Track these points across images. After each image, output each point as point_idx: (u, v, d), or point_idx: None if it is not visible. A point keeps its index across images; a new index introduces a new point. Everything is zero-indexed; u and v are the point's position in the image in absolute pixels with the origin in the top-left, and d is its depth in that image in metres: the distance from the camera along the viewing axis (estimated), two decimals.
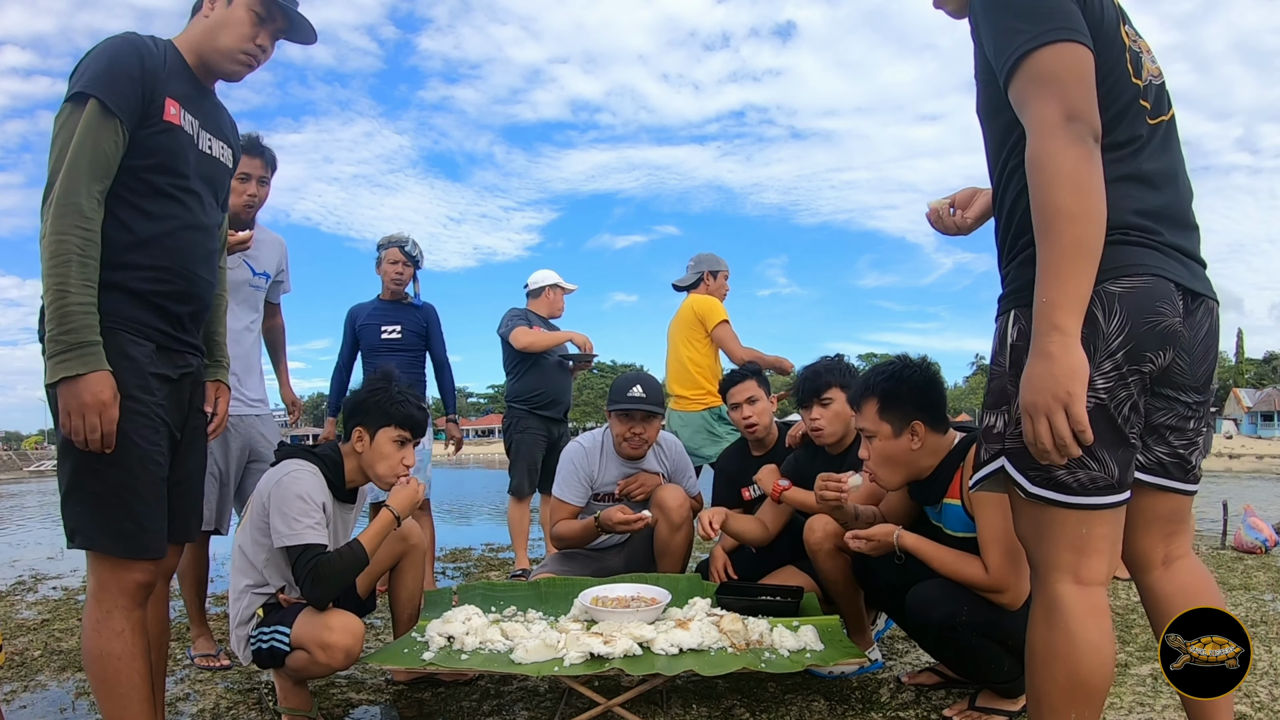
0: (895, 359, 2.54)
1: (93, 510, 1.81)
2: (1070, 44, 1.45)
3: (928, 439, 2.40)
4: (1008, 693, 2.41)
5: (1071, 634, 1.52)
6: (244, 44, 2.04)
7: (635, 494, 3.49)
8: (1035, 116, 1.46)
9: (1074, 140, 1.41)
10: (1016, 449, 1.54)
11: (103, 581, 1.84)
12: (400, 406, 2.55)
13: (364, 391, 2.61)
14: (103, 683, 1.84)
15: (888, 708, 2.54)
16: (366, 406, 2.56)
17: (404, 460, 2.57)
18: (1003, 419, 1.58)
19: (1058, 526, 1.53)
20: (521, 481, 4.96)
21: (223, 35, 2.02)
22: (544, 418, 5.02)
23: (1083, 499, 1.50)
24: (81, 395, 1.73)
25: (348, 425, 2.60)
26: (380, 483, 2.57)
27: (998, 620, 2.25)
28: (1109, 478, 1.50)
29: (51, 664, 3.21)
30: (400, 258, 4.56)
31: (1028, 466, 1.53)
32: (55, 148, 1.80)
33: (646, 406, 3.41)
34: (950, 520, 2.43)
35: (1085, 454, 1.46)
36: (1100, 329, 1.47)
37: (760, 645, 2.39)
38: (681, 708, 2.56)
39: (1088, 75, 1.46)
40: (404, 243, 4.61)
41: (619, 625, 2.43)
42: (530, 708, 2.62)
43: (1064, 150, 1.41)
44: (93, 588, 1.86)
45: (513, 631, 2.50)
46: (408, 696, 2.77)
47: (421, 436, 2.67)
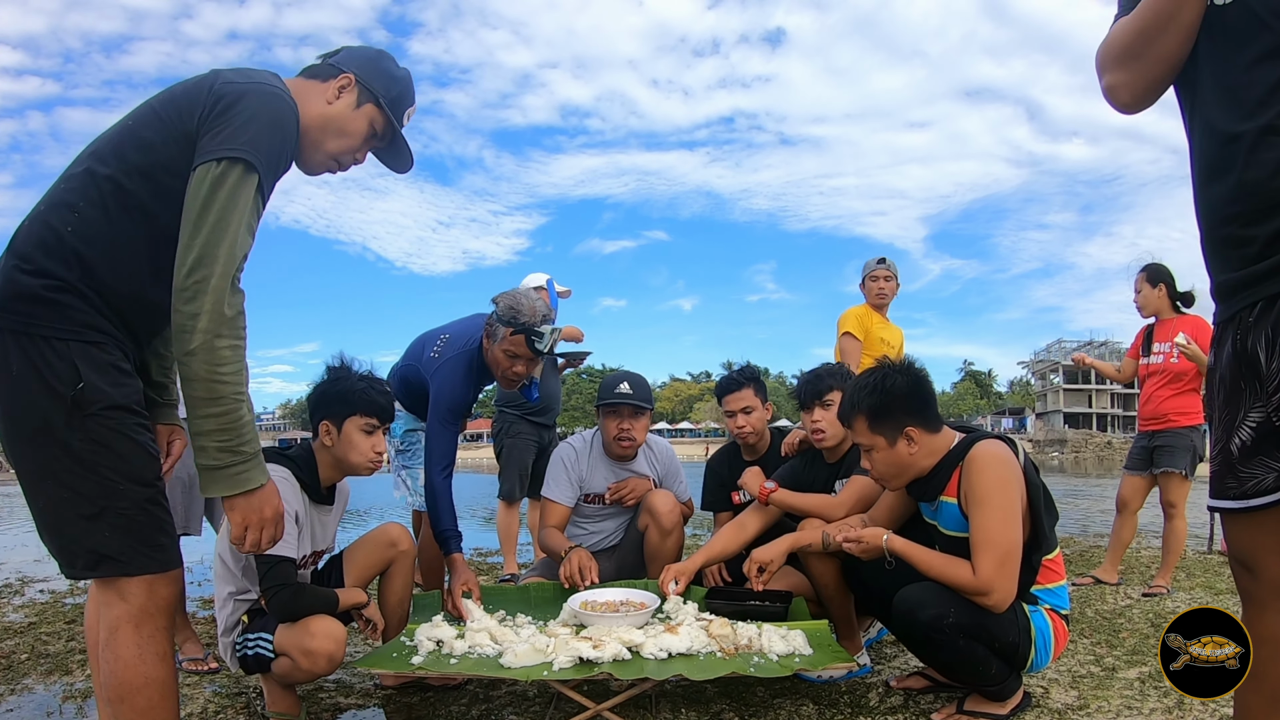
0: (876, 367, 2.53)
1: (126, 530, 1.62)
2: None
3: (923, 441, 2.41)
4: (995, 696, 2.42)
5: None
6: (347, 157, 1.94)
7: (626, 499, 3.49)
8: None
9: None
10: None
11: (143, 606, 1.65)
12: (363, 394, 2.52)
13: (325, 384, 2.56)
14: (145, 713, 1.65)
15: (876, 712, 2.55)
16: (329, 398, 2.53)
17: (374, 447, 2.55)
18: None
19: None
20: (512, 487, 4.96)
21: (334, 139, 1.89)
22: (535, 423, 5.02)
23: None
24: (264, 509, 1.65)
25: (313, 420, 2.56)
26: (356, 471, 2.56)
27: (985, 623, 2.26)
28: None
29: (39, 667, 3.18)
30: (527, 355, 3.09)
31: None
32: (211, 210, 1.56)
33: (633, 401, 3.41)
34: (946, 519, 2.44)
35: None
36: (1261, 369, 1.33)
37: (749, 650, 2.39)
38: (670, 712, 2.56)
39: None
40: (541, 333, 3.04)
41: (608, 629, 2.43)
42: (519, 712, 2.62)
43: None
44: (129, 614, 1.64)
45: (502, 636, 2.49)
46: (396, 701, 2.76)
47: (389, 422, 2.63)
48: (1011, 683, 2.42)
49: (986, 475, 2.27)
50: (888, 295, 5.17)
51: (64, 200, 1.64)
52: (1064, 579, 2.50)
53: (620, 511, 3.59)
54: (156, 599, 1.67)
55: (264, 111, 1.65)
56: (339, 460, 2.55)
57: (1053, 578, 2.45)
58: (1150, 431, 4.58)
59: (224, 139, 1.59)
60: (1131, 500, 4.70)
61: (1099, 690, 2.70)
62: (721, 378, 3.66)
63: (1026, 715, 2.48)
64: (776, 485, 3.07)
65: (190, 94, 1.68)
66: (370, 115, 1.92)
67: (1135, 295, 4.64)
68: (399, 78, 1.99)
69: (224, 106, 1.63)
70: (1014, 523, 2.24)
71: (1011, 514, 2.25)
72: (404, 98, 1.99)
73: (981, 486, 2.27)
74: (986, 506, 2.25)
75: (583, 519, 3.60)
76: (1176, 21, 1.40)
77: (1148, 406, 4.65)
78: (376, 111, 1.92)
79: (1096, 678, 2.84)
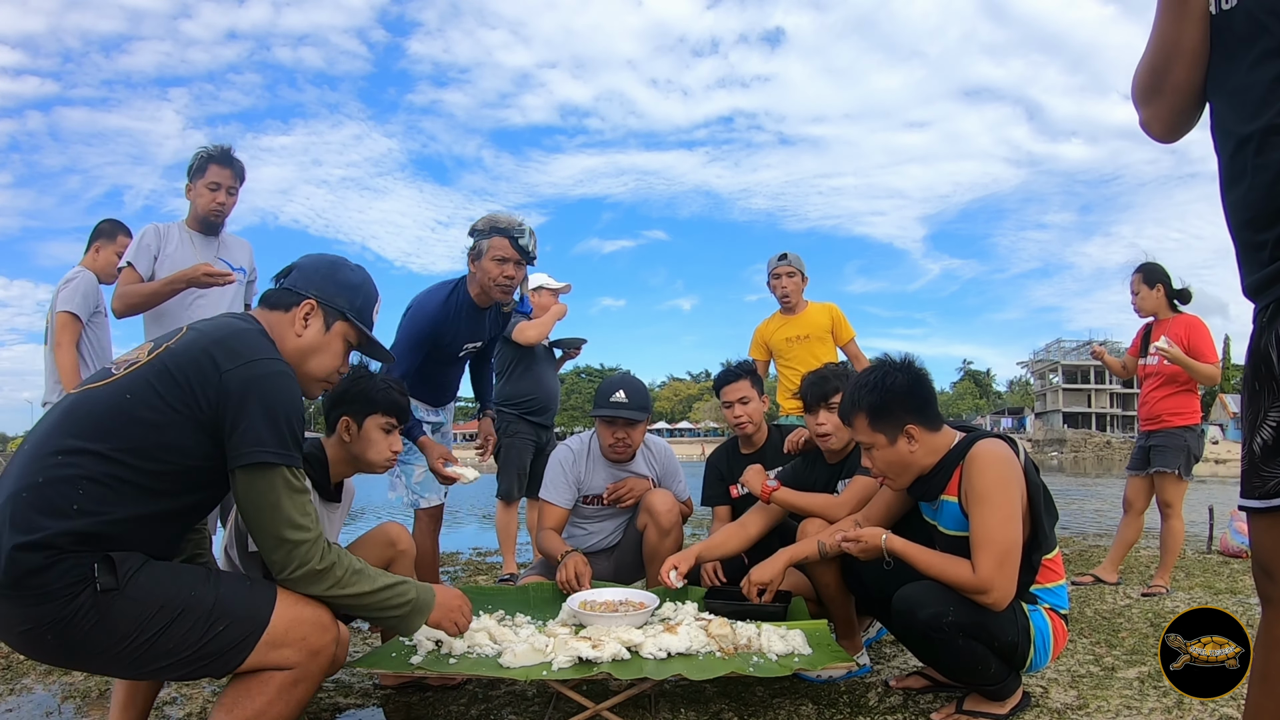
0: (876, 365, 2.52)
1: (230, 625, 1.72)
2: None
3: (924, 439, 2.40)
4: (995, 695, 2.42)
5: None
6: (334, 373, 2.04)
7: (624, 499, 3.49)
8: None
9: None
10: None
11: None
12: (385, 394, 2.58)
13: (346, 382, 2.57)
14: None
15: (875, 711, 2.55)
16: (351, 396, 2.57)
17: (391, 446, 2.60)
18: None
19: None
20: (510, 486, 4.95)
21: (317, 366, 1.98)
22: (533, 423, 5.02)
23: None
24: (449, 611, 2.06)
25: (330, 416, 2.60)
26: (372, 469, 2.61)
27: (984, 622, 2.26)
28: None
29: (38, 667, 3.17)
30: (514, 255, 3.35)
31: None
32: (265, 511, 1.71)
33: (627, 413, 3.39)
34: (946, 518, 2.43)
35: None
36: None
37: (748, 649, 2.39)
38: (670, 712, 2.56)
39: None
40: (518, 234, 3.34)
41: (607, 629, 2.43)
42: (518, 712, 2.62)
43: None
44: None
45: (501, 636, 2.49)
46: (395, 701, 2.75)
47: (406, 423, 2.69)
48: (1011, 682, 2.42)
49: (987, 474, 2.27)
50: (790, 293, 4.99)
51: (63, 477, 1.61)
52: (1063, 578, 2.50)
53: (619, 511, 3.59)
54: None
55: (278, 402, 1.74)
56: (355, 457, 2.59)
57: (1052, 577, 2.45)
58: (1147, 432, 4.59)
59: (253, 441, 1.69)
60: (1135, 501, 4.71)
61: (1098, 690, 2.70)
62: (719, 371, 3.70)
63: (1026, 715, 2.48)
64: (779, 484, 3.07)
65: (193, 378, 1.71)
66: (342, 332, 2.00)
67: (1133, 296, 4.64)
68: (358, 284, 2.04)
69: (238, 403, 1.70)
70: (1014, 522, 2.24)
71: (1012, 513, 2.24)
72: (368, 303, 2.06)
73: (982, 485, 2.27)
74: (987, 505, 2.25)
75: (581, 519, 3.60)
76: (1180, 49, 1.41)
77: (1145, 407, 4.65)
78: (347, 327, 2.00)
79: (1096, 677, 2.84)
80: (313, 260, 2.02)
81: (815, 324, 4.97)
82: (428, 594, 1.97)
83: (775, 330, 5.05)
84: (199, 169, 3.57)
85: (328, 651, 1.82)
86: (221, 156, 3.58)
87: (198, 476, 1.74)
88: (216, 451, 1.72)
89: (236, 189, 3.66)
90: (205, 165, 3.57)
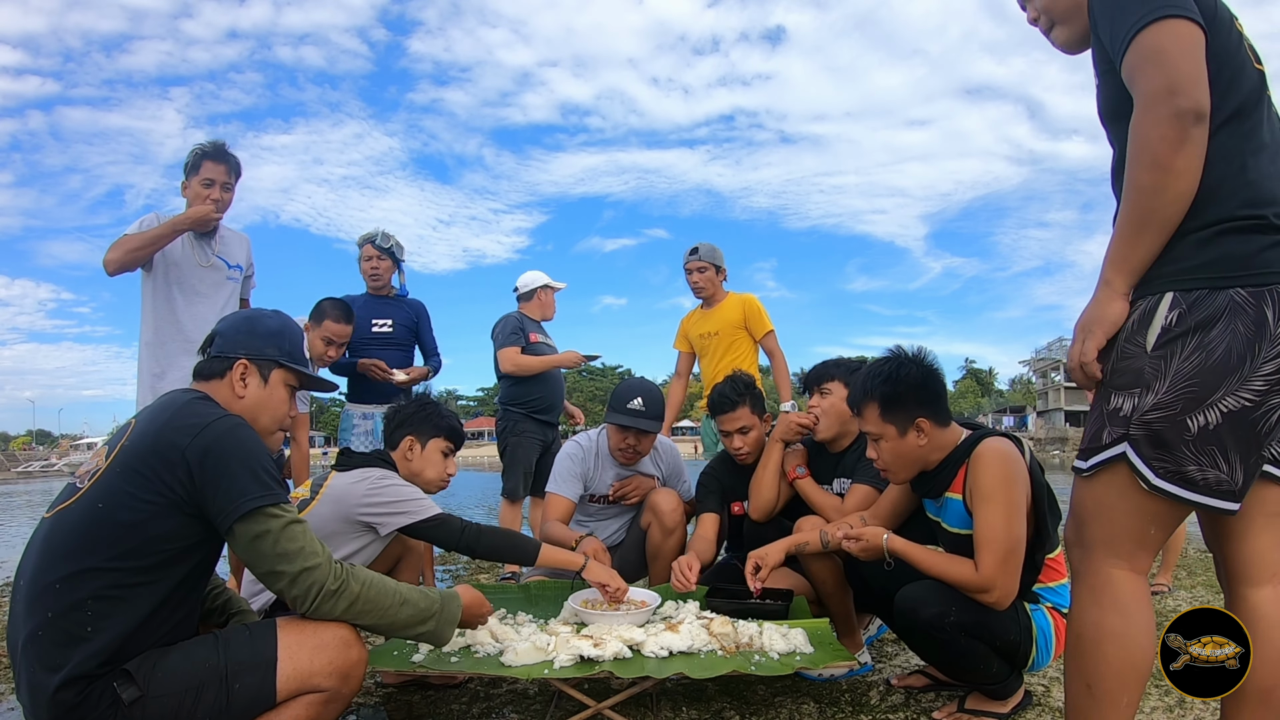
0: (890, 354, 2.48)
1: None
2: (1180, 20, 1.48)
3: (933, 434, 2.39)
4: (997, 694, 2.42)
5: (1128, 614, 1.55)
6: (287, 420, 2.10)
7: (629, 497, 3.48)
8: (1140, 90, 1.51)
9: (1167, 117, 1.46)
10: (1144, 435, 1.53)
11: None
12: (448, 420, 2.89)
13: (414, 406, 2.90)
14: None
15: (877, 710, 2.54)
16: (418, 419, 2.84)
17: (448, 469, 2.87)
18: (1132, 402, 1.55)
19: (1133, 516, 1.56)
20: (516, 485, 4.95)
21: (267, 419, 2.01)
22: (540, 422, 5.02)
23: (1203, 498, 1.52)
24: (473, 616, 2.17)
25: (396, 435, 2.82)
26: (429, 487, 2.81)
27: (986, 621, 2.26)
28: (1233, 485, 1.51)
29: None
30: (374, 253, 4.64)
31: (1154, 458, 1.52)
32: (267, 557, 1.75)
33: (642, 424, 3.34)
34: (951, 516, 2.43)
35: (1220, 456, 1.49)
36: (1268, 330, 1.48)
37: (750, 648, 2.39)
38: (671, 710, 2.56)
39: (1195, 50, 1.49)
40: (375, 237, 4.64)
41: (609, 628, 2.43)
42: (520, 710, 2.62)
43: (1154, 127, 1.47)
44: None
45: (502, 634, 2.49)
46: (397, 699, 2.76)
47: (460, 449, 2.97)
48: (1012, 681, 2.42)
49: (992, 472, 2.27)
50: (703, 287, 4.82)
51: (69, 604, 1.64)
52: (1066, 577, 2.49)
53: (623, 510, 3.59)
54: None
55: (244, 451, 1.76)
56: (414, 474, 2.81)
57: (1055, 576, 2.44)
58: None
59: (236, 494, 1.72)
60: None
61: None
62: (714, 392, 3.38)
63: (1027, 714, 2.48)
64: (808, 473, 3.11)
65: (158, 466, 1.71)
66: (282, 378, 2.03)
67: None
68: (280, 329, 2.07)
69: (209, 470, 1.71)
70: (1018, 520, 2.24)
71: (1015, 511, 2.24)
72: (295, 343, 2.10)
73: (986, 483, 2.26)
74: (991, 503, 2.24)
75: (585, 517, 3.60)
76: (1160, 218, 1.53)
77: None
78: (284, 373, 2.04)
79: None
80: (229, 322, 2.05)
81: (725, 320, 4.79)
82: (453, 602, 2.01)
83: (694, 325, 4.93)
84: (194, 165, 3.58)
85: (357, 672, 1.86)
86: (216, 152, 3.59)
87: (194, 553, 1.77)
88: (204, 526, 1.75)
89: (232, 185, 3.66)
90: (200, 162, 3.57)
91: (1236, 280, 1.49)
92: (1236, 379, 1.47)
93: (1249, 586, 1.65)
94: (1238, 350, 1.47)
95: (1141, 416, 1.53)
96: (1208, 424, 1.49)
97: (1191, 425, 1.49)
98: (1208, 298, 1.50)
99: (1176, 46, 1.47)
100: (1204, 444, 1.49)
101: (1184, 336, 1.50)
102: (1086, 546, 1.62)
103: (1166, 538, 1.63)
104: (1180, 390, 1.50)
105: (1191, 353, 1.49)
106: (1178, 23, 1.48)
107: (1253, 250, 1.50)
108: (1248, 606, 1.64)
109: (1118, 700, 1.55)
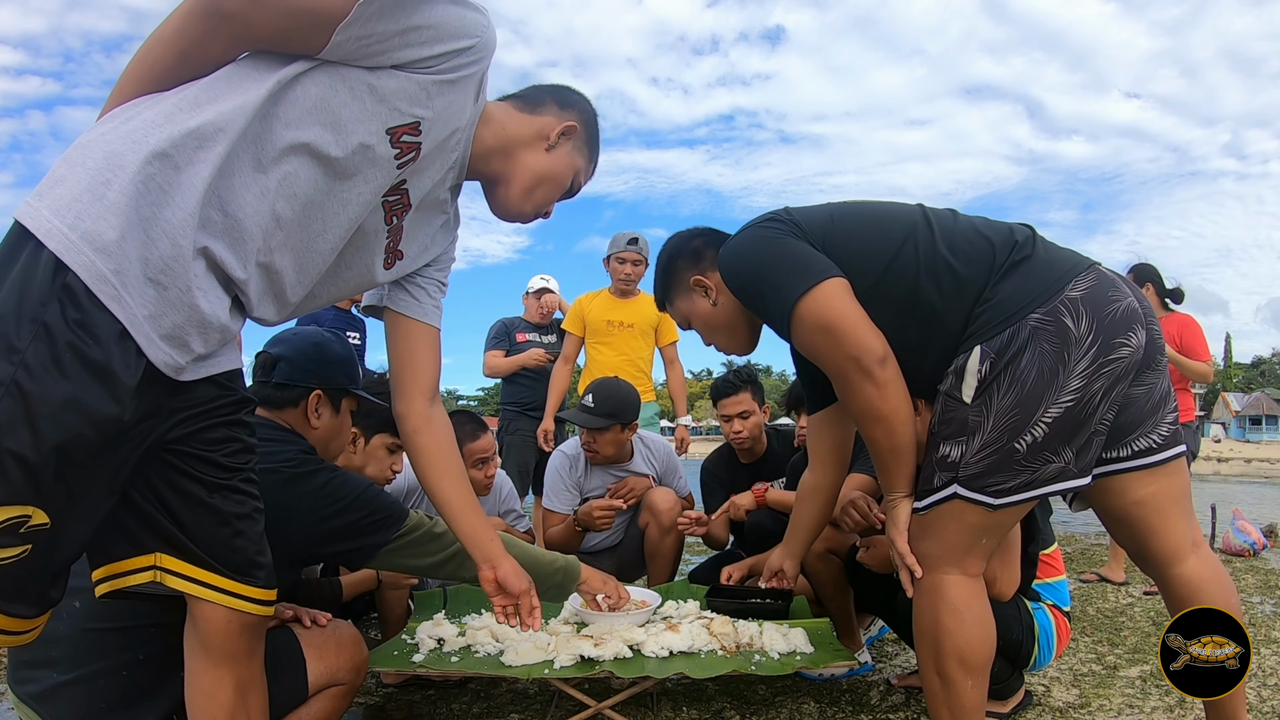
0: None
1: None
2: (822, 284, 1.66)
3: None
4: (997, 694, 2.42)
5: (960, 612, 1.68)
6: (389, 474, 2.44)
7: (626, 499, 3.48)
8: (828, 369, 1.72)
9: (862, 380, 1.65)
10: (973, 475, 1.65)
11: None
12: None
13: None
14: None
15: (877, 710, 2.55)
16: (365, 410, 2.53)
17: (393, 465, 2.62)
18: (960, 449, 1.66)
19: (966, 534, 1.69)
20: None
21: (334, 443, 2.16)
22: (537, 419, 5.03)
23: (1048, 488, 1.64)
24: (605, 584, 2.38)
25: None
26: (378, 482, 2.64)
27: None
28: (1073, 466, 1.62)
29: None
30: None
31: (989, 485, 1.64)
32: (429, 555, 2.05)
33: (582, 419, 3.35)
34: None
35: (1053, 453, 1.60)
36: (1072, 335, 1.58)
37: (750, 648, 2.39)
38: (672, 710, 2.56)
39: (849, 307, 1.65)
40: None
41: (609, 628, 2.43)
42: (520, 710, 2.62)
43: (855, 394, 1.68)
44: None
45: (503, 634, 2.49)
46: (397, 699, 2.76)
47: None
48: (1013, 681, 2.42)
49: None
50: (633, 279, 4.52)
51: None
52: (1064, 574, 2.49)
53: (620, 511, 3.58)
54: None
55: (343, 495, 1.93)
56: (355, 468, 2.58)
57: (1052, 573, 2.45)
58: None
59: (363, 536, 1.95)
60: None
61: (1100, 689, 2.69)
62: (717, 379, 3.47)
63: (1028, 713, 2.49)
64: (767, 486, 3.12)
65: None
66: (349, 407, 2.16)
67: None
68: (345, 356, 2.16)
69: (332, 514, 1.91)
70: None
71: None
72: (356, 369, 2.19)
73: None
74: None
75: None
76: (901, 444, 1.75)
77: None
78: (351, 400, 2.16)
79: (1098, 676, 2.84)
80: (297, 347, 2.06)
81: (642, 314, 4.56)
82: (573, 570, 2.27)
83: (601, 309, 4.57)
84: None
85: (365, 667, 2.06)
86: None
87: None
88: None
89: None
90: None
91: (1028, 308, 1.60)
92: (1054, 390, 1.57)
93: (1177, 566, 1.74)
94: (1049, 366, 1.57)
95: (969, 461, 1.64)
96: (1035, 439, 1.59)
97: (1020, 446, 1.60)
98: (1011, 336, 1.60)
99: (835, 315, 1.65)
100: (1035, 454, 1.60)
101: (998, 378, 1.60)
102: (921, 558, 1.75)
103: (1001, 539, 1.80)
104: (1004, 424, 1.60)
105: (1008, 390, 1.59)
106: (820, 287, 1.65)
107: (1028, 280, 1.63)
108: (1182, 581, 1.73)
109: (963, 685, 1.70)
